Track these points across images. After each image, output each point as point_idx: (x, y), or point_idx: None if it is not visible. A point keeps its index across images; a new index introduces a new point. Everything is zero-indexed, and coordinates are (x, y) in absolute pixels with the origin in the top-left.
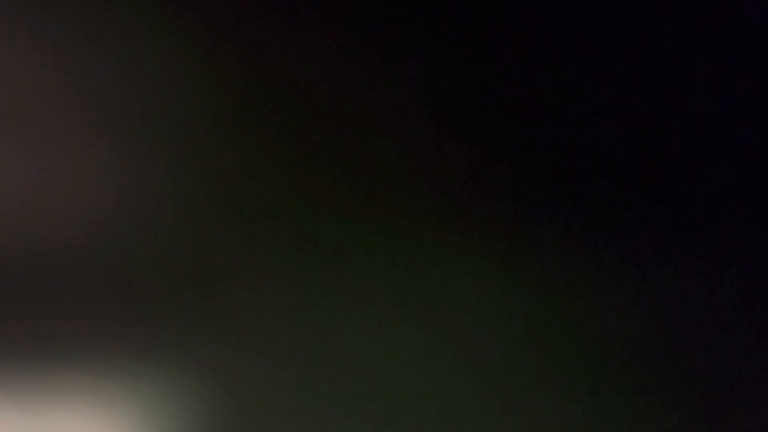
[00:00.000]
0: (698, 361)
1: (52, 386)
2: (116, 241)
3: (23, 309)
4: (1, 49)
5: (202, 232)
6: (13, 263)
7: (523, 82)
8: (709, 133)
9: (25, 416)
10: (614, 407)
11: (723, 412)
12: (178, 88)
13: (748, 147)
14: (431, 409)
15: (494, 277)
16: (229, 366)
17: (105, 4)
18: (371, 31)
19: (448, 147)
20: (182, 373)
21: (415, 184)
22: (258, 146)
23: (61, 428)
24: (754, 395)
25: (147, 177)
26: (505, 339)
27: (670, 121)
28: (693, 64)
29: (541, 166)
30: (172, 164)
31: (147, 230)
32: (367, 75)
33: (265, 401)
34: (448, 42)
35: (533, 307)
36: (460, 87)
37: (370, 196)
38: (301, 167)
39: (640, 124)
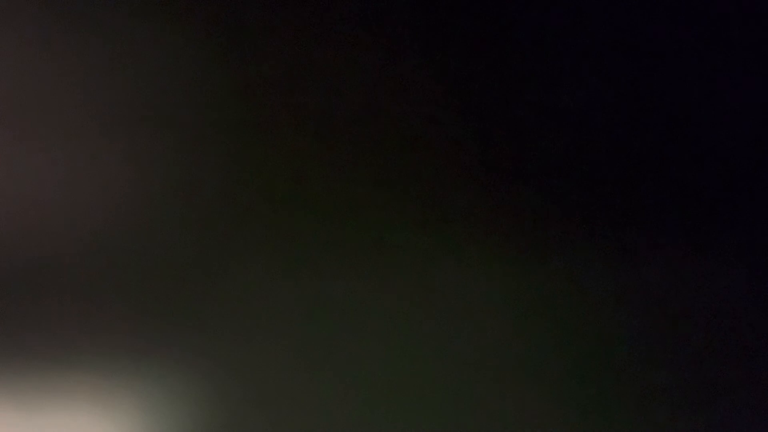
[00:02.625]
0: (699, 361)
1: (52, 386)
2: (117, 241)
3: (24, 309)
4: (3, 49)
5: (204, 232)
6: (14, 264)
7: (526, 82)
8: (709, 132)
9: (26, 416)
10: (616, 408)
11: (723, 412)
12: (179, 90)
13: (749, 146)
14: (435, 407)
15: (496, 277)
16: (230, 366)
17: (107, 4)
18: (373, 32)
19: (451, 147)
20: (183, 373)
21: (419, 184)
22: (260, 146)
23: (61, 428)
24: (754, 395)
25: (148, 177)
26: (507, 339)
27: (671, 121)
28: (694, 65)
29: (545, 166)
30: (173, 165)
31: (148, 230)
32: (368, 76)
33: (267, 400)
34: (449, 43)
35: (536, 307)
36: (462, 88)
37: (374, 195)
38: (305, 167)
39: (641, 125)
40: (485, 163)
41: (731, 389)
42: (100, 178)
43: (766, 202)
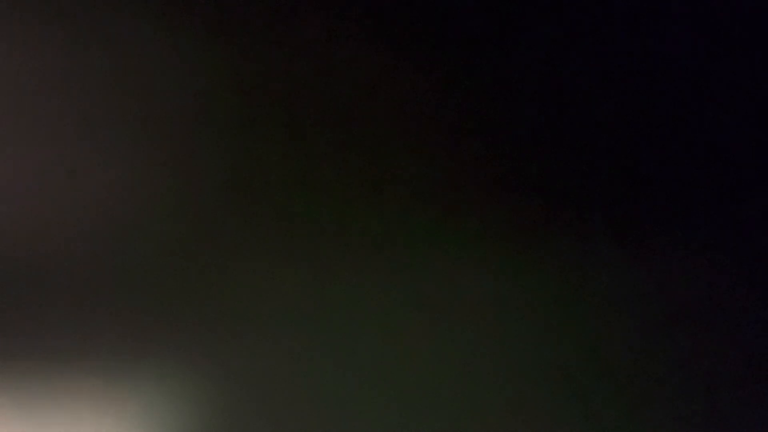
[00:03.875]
0: (699, 360)
1: (51, 387)
2: (118, 240)
3: (23, 309)
4: (2, 48)
5: (204, 231)
6: (13, 264)
7: (528, 81)
8: (709, 132)
9: (25, 417)
10: (617, 407)
11: (723, 412)
12: (179, 88)
13: (749, 147)
14: (438, 406)
15: (497, 277)
16: (231, 366)
17: (105, 3)
18: (376, 32)
19: (452, 145)
20: (183, 373)
21: (420, 182)
22: (261, 145)
23: (61, 428)
24: (754, 395)
25: (149, 176)
26: (508, 339)
27: (672, 121)
28: (697, 64)
29: (547, 167)
30: (174, 164)
31: (148, 230)
32: (369, 75)
33: (267, 400)
34: (450, 42)
35: (536, 307)
36: (464, 86)
37: (377, 194)
38: (306, 167)
39: (642, 124)
40: (486, 162)
41: (732, 389)
42: (100, 178)
43: (766, 202)
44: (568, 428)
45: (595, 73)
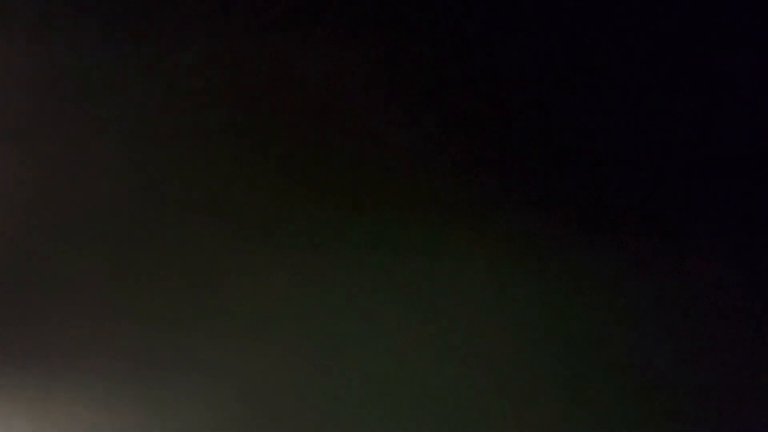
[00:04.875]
0: (698, 360)
1: (51, 387)
2: (117, 240)
3: (23, 310)
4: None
5: (204, 231)
6: (13, 263)
7: (528, 80)
8: (707, 133)
9: (25, 417)
10: (617, 407)
11: (723, 413)
12: (177, 86)
13: (748, 147)
14: (436, 406)
15: (497, 278)
16: (231, 366)
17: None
18: (370, 32)
19: (452, 147)
20: (183, 373)
21: (422, 184)
22: (260, 146)
23: (61, 428)
24: (754, 396)
25: (149, 175)
26: (508, 340)
27: (671, 120)
28: (696, 64)
29: (546, 166)
30: (173, 162)
31: (148, 229)
32: (368, 76)
33: (269, 400)
34: (449, 41)
35: (536, 306)
36: (461, 86)
37: (376, 196)
38: (306, 165)
39: (642, 125)
40: (485, 162)
41: (732, 389)
42: (100, 177)
43: (766, 202)
44: (569, 428)
45: (594, 75)
